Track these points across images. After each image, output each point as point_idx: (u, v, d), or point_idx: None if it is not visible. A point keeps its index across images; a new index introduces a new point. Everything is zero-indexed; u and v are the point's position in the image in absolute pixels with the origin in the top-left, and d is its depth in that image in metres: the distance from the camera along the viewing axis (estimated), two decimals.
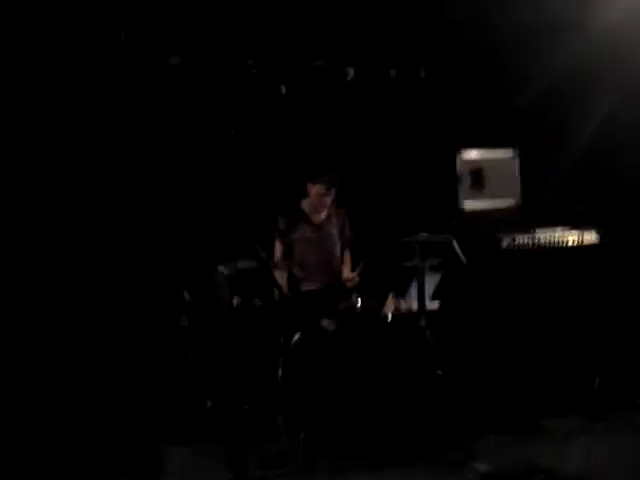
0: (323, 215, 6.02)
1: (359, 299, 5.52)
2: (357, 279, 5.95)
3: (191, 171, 6.23)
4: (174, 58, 6.45)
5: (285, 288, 5.73)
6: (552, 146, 6.90)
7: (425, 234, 5.54)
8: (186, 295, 5.36)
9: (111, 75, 6.16)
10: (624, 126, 6.65)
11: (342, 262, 6.13)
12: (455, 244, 5.61)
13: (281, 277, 5.79)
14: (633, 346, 5.97)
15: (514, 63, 6.82)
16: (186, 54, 6.43)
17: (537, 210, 6.53)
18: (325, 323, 5.32)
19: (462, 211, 6.40)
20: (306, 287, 5.91)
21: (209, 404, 5.54)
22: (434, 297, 5.99)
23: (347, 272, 6.09)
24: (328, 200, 5.90)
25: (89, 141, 6.06)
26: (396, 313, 5.59)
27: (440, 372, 5.37)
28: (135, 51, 6.24)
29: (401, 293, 5.77)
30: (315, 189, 5.86)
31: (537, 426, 5.34)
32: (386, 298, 5.74)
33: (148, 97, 6.31)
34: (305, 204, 5.99)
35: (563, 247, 5.93)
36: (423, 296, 5.65)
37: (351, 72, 6.72)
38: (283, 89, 5.99)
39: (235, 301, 5.28)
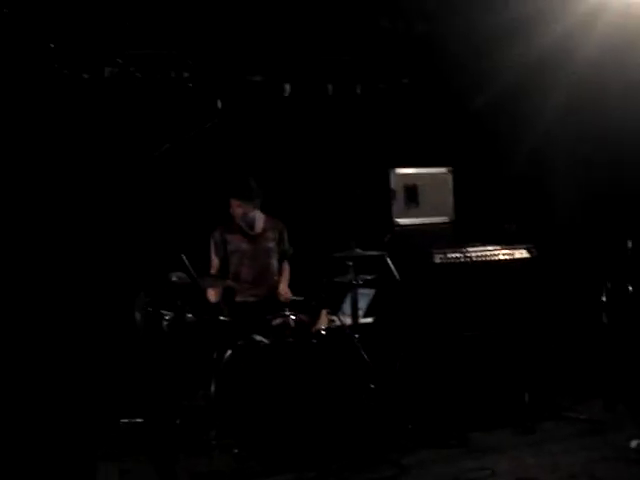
0: (258, 228, 6.03)
1: (292, 315, 5.52)
2: (290, 294, 5.97)
3: (124, 183, 6.17)
4: (108, 69, 6.40)
5: (215, 300, 5.74)
6: (485, 164, 7.02)
7: (359, 250, 5.58)
8: (137, 315, 5.28)
9: (41, 84, 6.09)
10: (557, 146, 6.80)
11: (280, 274, 6.14)
12: (388, 260, 5.67)
13: (213, 290, 5.78)
14: (561, 359, 6.10)
15: (449, 80, 6.93)
16: (121, 65, 6.38)
17: (469, 227, 6.63)
18: (258, 338, 5.31)
19: (395, 227, 6.46)
20: (241, 299, 5.91)
21: (139, 420, 5.48)
22: (368, 313, 6.04)
23: (283, 286, 6.10)
24: (249, 213, 5.91)
25: (22, 150, 5.98)
26: (329, 328, 5.61)
27: (373, 386, 5.41)
28: (67, 61, 6.16)
29: (334, 308, 5.80)
30: (233, 202, 5.90)
31: (467, 441, 5.37)
32: (319, 313, 5.77)
33: (81, 107, 6.24)
34: (234, 215, 5.98)
35: (494, 262, 6.03)
36: (356, 311, 5.69)
37: (288, 88, 6.74)
38: (219, 103, 5.97)
39: (167, 317, 5.23)
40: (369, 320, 6.04)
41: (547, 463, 4.90)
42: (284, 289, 6.07)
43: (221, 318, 5.47)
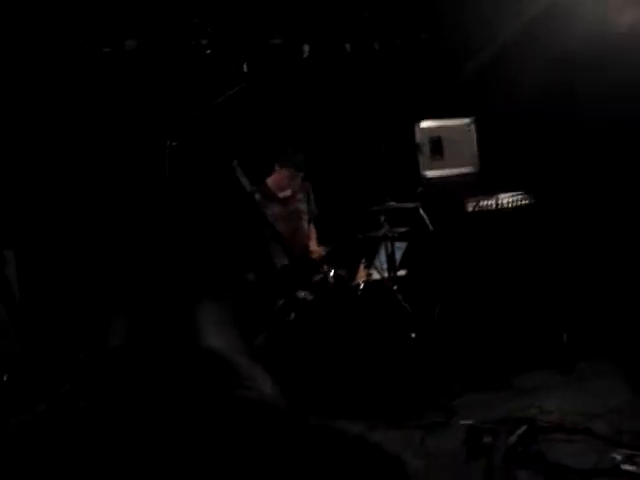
0: (289, 191, 6.09)
1: (332, 270, 5.61)
2: (322, 251, 6.06)
3: (153, 156, 6.22)
4: (129, 42, 6.44)
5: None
6: (506, 112, 7.05)
7: (393, 203, 5.67)
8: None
9: (63, 60, 6.13)
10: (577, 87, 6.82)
11: (308, 234, 6.22)
12: (422, 211, 5.76)
13: None
14: (597, 298, 6.19)
15: (465, 32, 6.95)
16: (141, 38, 6.42)
17: (495, 176, 6.70)
18: (301, 294, 5.41)
19: (423, 179, 6.54)
20: (276, 260, 5.99)
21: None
22: (402, 265, 6.13)
23: (313, 245, 6.19)
24: (297, 181, 5.96)
25: (41, 128, 6.02)
26: (368, 281, 5.71)
27: (414, 335, 5.52)
28: (87, 36, 6.20)
29: (371, 262, 5.90)
30: (284, 171, 5.90)
31: (509, 383, 5.49)
32: (357, 268, 5.87)
33: (103, 81, 6.28)
34: (271, 182, 6.03)
35: (526, 207, 6.11)
36: (393, 263, 5.79)
37: (306, 49, 6.78)
38: (245, 67, 6.02)
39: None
40: (403, 272, 6.14)
41: (592, 398, 5.01)
42: (315, 247, 6.16)
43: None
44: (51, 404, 1.14)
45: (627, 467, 3.97)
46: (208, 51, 6.64)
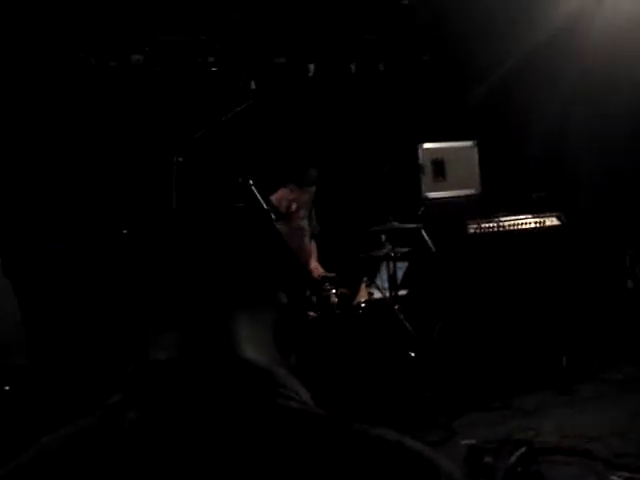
0: (293, 208, 6.09)
1: (333, 288, 5.65)
2: (321, 270, 6.08)
3: (154, 171, 6.24)
4: (135, 57, 6.48)
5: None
6: (508, 136, 7.13)
7: (396, 223, 5.71)
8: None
9: (68, 72, 6.17)
10: (579, 115, 6.91)
11: (309, 252, 6.25)
12: (424, 232, 5.81)
13: None
14: (595, 322, 6.24)
15: (472, 55, 7.02)
16: (147, 52, 6.47)
17: (497, 198, 6.76)
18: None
19: (425, 200, 6.59)
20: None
21: None
22: (403, 285, 6.17)
23: (314, 263, 6.21)
24: (305, 198, 5.84)
25: (46, 142, 6.05)
26: (369, 300, 5.75)
27: (414, 354, 5.56)
28: (94, 49, 6.25)
29: (373, 281, 5.93)
30: (292, 188, 5.77)
31: (510, 403, 5.52)
32: (359, 286, 5.90)
33: (109, 95, 6.32)
34: (275, 199, 6.00)
35: (526, 231, 6.17)
36: (395, 283, 5.83)
37: (312, 68, 6.84)
38: (253, 84, 6.08)
39: None
40: (404, 292, 6.17)
41: (589, 421, 5.06)
42: (316, 265, 6.18)
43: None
44: (99, 416, 1.16)
45: None
46: (214, 68, 6.70)
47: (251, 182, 4.70)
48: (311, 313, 5.44)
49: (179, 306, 1.25)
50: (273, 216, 4.84)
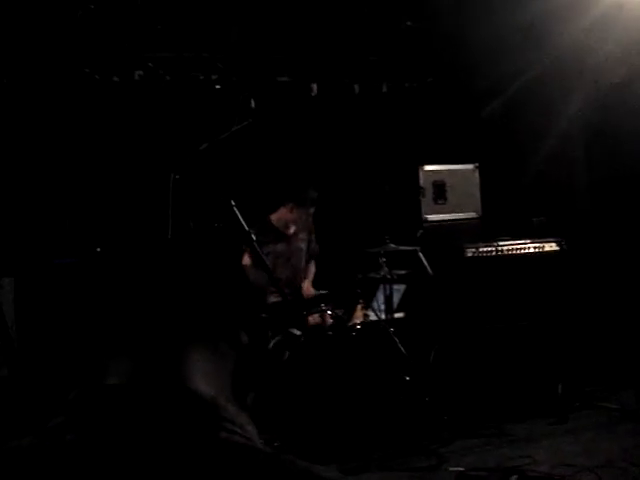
0: (292, 229, 6.03)
1: (328, 310, 5.61)
2: (312, 291, 6.04)
3: (157, 186, 6.24)
4: (138, 73, 6.50)
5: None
6: (510, 160, 7.11)
7: (393, 245, 5.68)
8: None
9: (71, 88, 6.19)
10: (580, 139, 6.88)
11: (305, 274, 6.20)
12: (421, 255, 5.77)
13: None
14: (592, 350, 6.18)
15: (472, 78, 7.02)
16: (151, 68, 6.49)
17: (497, 222, 6.73)
18: (296, 332, 5.41)
19: (425, 222, 6.56)
20: (272, 300, 5.93)
21: None
22: (399, 307, 6.14)
23: (307, 284, 6.15)
24: (304, 219, 5.86)
25: (46, 155, 6.07)
26: (365, 322, 5.71)
27: (408, 378, 5.50)
28: (97, 65, 6.27)
29: (369, 303, 5.90)
30: (292, 208, 5.78)
31: (502, 430, 5.47)
32: (355, 308, 5.86)
33: (110, 110, 6.34)
34: (275, 218, 5.95)
35: (525, 256, 6.12)
36: (391, 306, 5.79)
37: (315, 87, 6.84)
38: (253, 103, 6.07)
39: None
40: (400, 315, 6.14)
41: (583, 450, 5.00)
42: (307, 286, 6.13)
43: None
44: (38, 436, 1.17)
45: None
46: (218, 86, 6.70)
47: (233, 203, 4.67)
48: (298, 333, 5.39)
49: (136, 335, 1.26)
50: (254, 237, 4.82)
